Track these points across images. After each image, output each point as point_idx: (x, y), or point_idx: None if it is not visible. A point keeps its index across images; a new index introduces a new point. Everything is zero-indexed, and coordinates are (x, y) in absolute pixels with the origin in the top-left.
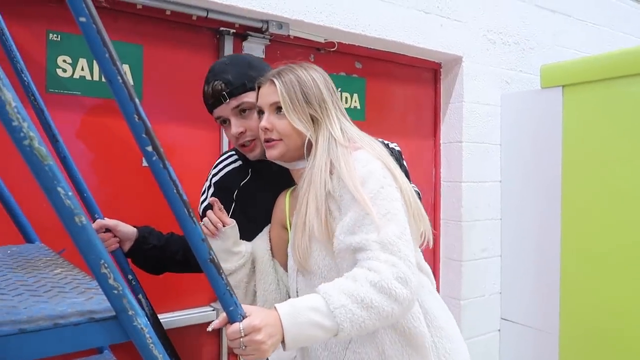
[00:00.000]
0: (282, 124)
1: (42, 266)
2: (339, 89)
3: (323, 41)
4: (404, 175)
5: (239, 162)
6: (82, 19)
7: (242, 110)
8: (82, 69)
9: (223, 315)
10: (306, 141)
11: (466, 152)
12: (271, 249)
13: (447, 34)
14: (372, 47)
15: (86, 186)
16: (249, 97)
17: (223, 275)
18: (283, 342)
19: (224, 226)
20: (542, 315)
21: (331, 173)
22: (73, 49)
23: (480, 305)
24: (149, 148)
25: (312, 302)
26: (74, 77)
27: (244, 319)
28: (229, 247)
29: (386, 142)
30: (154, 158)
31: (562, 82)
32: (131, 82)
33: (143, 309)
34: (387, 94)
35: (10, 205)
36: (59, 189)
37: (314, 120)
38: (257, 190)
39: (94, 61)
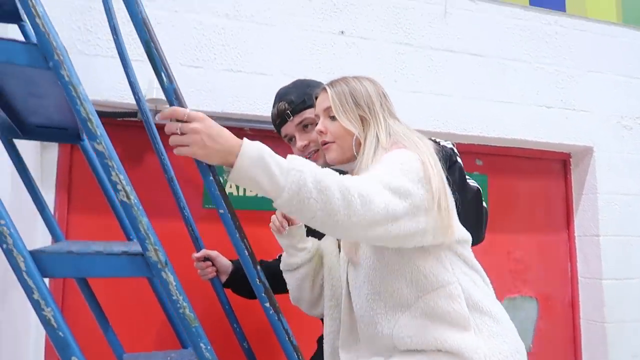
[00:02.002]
0: (334, 126)
1: None
2: None
3: None
4: (443, 178)
5: None
6: (221, 211)
7: (305, 126)
8: (230, 187)
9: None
10: (354, 140)
11: (605, 246)
12: (338, 247)
13: (574, 125)
14: (492, 145)
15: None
16: (310, 113)
17: None
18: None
19: (290, 225)
20: None
21: None
22: (224, 170)
23: None
24: (267, 304)
25: (279, 157)
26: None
27: None
28: (295, 244)
29: (438, 140)
30: (271, 312)
31: None
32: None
33: None
34: (512, 188)
35: (168, 312)
36: (202, 344)
37: (363, 121)
38: None
39: None
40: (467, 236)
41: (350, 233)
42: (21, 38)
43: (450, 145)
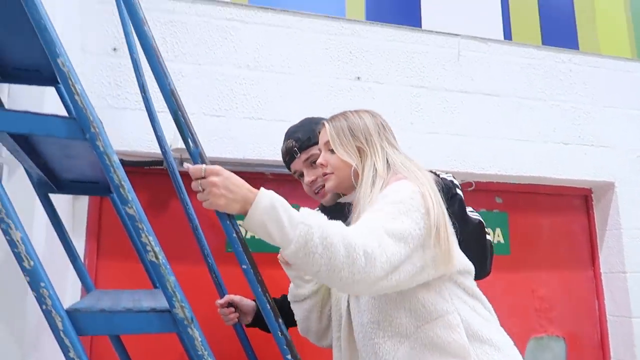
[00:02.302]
0: (333, 158)
1: None
2: None
3: (460, 182)
4: (443, 208)
5: None
6: (244, 266)
7: (312, 162)
8: None
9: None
10: (352, 171)
11: (633, 283)
12: None
13: (593, 161)
14: (511, 182)
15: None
16: (316, 150)
17: None
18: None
19: None
20: None
21: None
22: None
23: None
24: (289, 356)
25: (291, 209)
26: (246, 237)
27: None
28: (302, 275)
29: (438, 172)
30: None
31: None
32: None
33: None
34: (533, 225)
35: None
36: None
37: (360, 152)
38: None
39: None
40: (470, 266)
41: (353, 289)
42: (57, 98)
43: (450, 178)
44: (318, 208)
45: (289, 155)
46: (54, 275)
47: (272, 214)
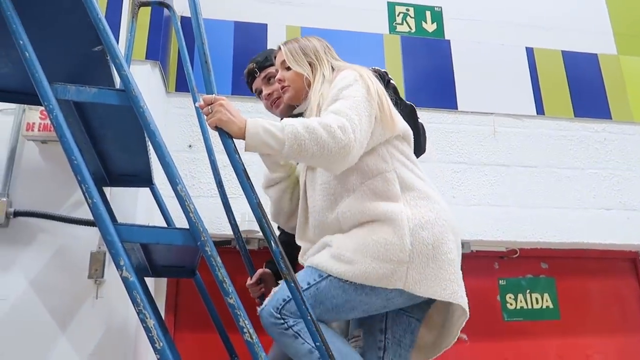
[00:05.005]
0: (289, 73)
1: None
2: (528, 291)
3: (505, 250)
4: (380, 87)
5: None
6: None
7: (268, 79)
8: None
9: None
10: (305, 80)
11: None
12: None
13: (636, 225)
14: (555, 248)
15: None
16: (272, 69)
17: None
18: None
19: None
20: None
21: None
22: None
23: None
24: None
25: (272, 121)
26: None
27: None
28: (277, 161)
29: (376, 68)
30: None
31: None
32: None
33: None
34: (582, 289)
35: None
36: None
37: (311, 65)
38: None
39: None
40: (409, 131)
41: (341, 160)
42: (150, 196)
43: (384, 70)
44: None
45: (250, 76)
46: (146, 345)
47: (261, 130)
